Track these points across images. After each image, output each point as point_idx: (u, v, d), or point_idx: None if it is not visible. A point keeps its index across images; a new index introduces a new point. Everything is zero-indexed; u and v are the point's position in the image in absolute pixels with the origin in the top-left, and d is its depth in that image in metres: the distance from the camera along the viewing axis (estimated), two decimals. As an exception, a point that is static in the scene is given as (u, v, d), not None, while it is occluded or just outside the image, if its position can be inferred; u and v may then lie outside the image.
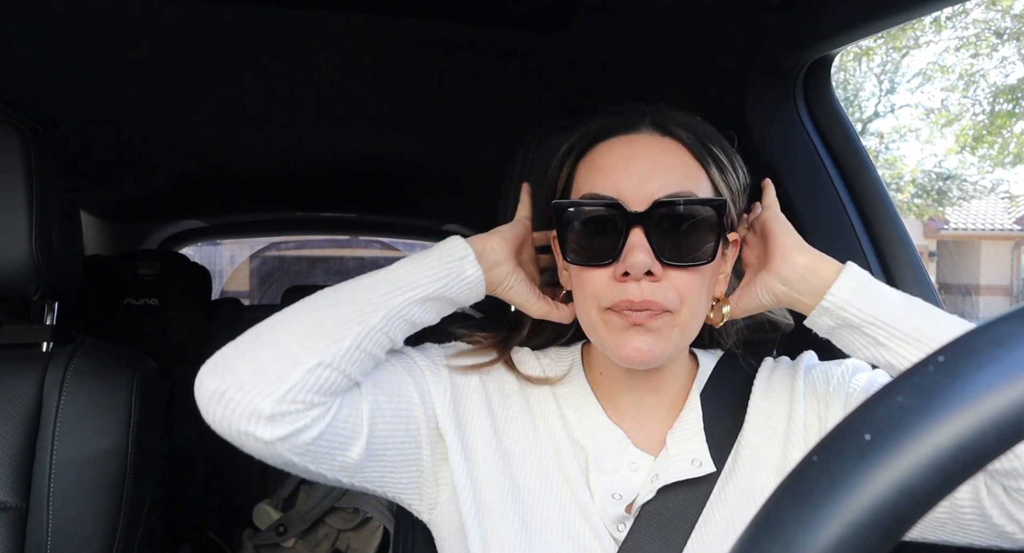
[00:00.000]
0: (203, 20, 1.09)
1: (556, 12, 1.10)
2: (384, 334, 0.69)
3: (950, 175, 11.09)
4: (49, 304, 1.06)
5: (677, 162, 0.71)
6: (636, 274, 0.67)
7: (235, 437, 0.65)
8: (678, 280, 0.68)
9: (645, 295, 0.67)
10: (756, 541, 0.24)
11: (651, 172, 0.69)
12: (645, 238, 0.67)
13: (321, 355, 0.64)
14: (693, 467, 0.73)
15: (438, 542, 0.79)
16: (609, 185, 0.70)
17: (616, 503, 0.73)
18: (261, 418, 0.62)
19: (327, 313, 0.67)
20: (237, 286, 4.79)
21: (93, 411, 0.99)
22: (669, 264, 0.68)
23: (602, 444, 0.75)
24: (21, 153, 0.97)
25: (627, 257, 0.67)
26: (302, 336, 0.65)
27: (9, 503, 0.94)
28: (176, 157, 1.95)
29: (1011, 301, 12.69)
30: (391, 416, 0.71)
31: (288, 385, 0.62)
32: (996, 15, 8.88)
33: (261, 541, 2.17)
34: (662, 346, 0.69)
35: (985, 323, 0.25)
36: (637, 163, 0.70)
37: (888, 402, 0.24)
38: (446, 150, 1.90)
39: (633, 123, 0.73)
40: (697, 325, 0.73)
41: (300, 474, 0.68)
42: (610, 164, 0.71)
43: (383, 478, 0.72)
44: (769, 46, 1.10)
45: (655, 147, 0.71)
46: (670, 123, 0.72)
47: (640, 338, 0.68)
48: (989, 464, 0.23)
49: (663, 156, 0.70)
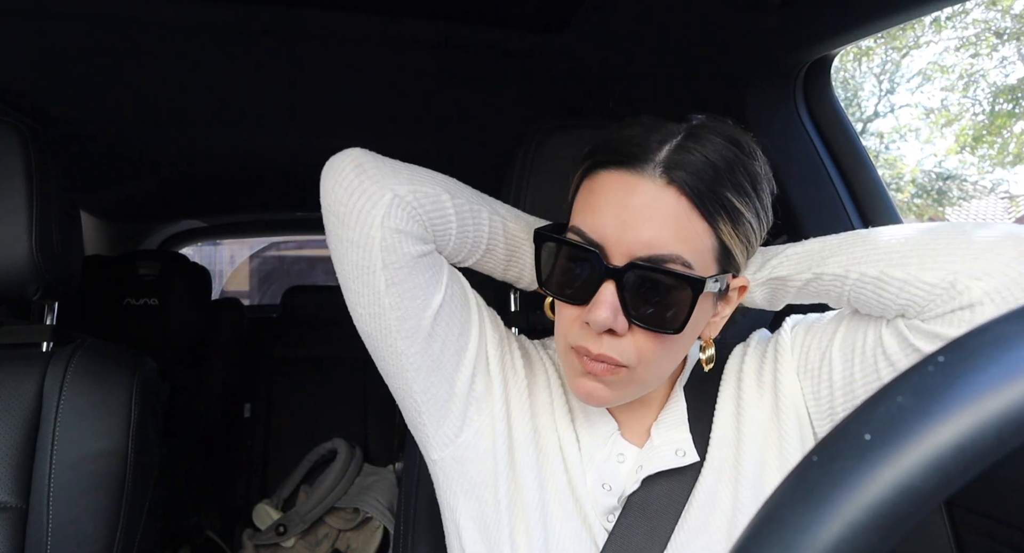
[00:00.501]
0: (203, 20, 1.09)
1: (556, 12, 1.10)
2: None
3: (950, 175, 11.09)
4: (49, 304, 1.06)
5: (673, 219, 0.63)
6: (596, 330, 0.65)
7: (354, 217, 0.67)
8: (642, 341, 0.66)
9: (603, 349, 0.66)
10: (757, 540, 0.24)
11: (641, 225, 0.63)
12: (616, 294, 0.64)
13: (445, 187, 0.73)
14: (677, 457, 0.74)
15: (441, 489, 0.79)
16: (596, 227, 0.65)
17: (607, 494, 0.74)
18: (383, 203, 0.67)
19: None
20: (237, 286, 4.79)
21: (93, 411, 0.99)
22: (636, 323, 0.65)
23: (594, 434, 0.77)
24: (21, 153, 0.97)
25: (592, 311, 0.64)
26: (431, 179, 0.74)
27: (9, 503, 0.94)
28: (176, 157, 1.95)
29: (1011, 301, 12.63)
30: (451, 313, 0.72)
31: (409, 189, 0.69)
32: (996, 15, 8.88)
33: (261, 541, 2.17)
34: (615, 395, 0.70)
35: (984, 324, 0.25)
36: (627, 213, 0.64)
37: (888, 402, 0.24)
38: (446, 150, 1.90)
39: (640, 162, 0.64)
40: (660, 379, 0.73)
41: (372, 343, 0.71)
42: (603, 203, 0.66)
43: (427, 376, 0.72)
44: (769, 46, 1.10)
45: (653, 197, 0.63)
46: (680, 168, 0.63)
47: (592, 384, 0.69)
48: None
49: (660, 210, 0.63)
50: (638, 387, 0.71)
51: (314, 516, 2.17)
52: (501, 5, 1.08)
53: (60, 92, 1.39)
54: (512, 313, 1.09)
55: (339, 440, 2.36)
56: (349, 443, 2.37)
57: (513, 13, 1.11)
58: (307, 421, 2.55)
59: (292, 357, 2.67)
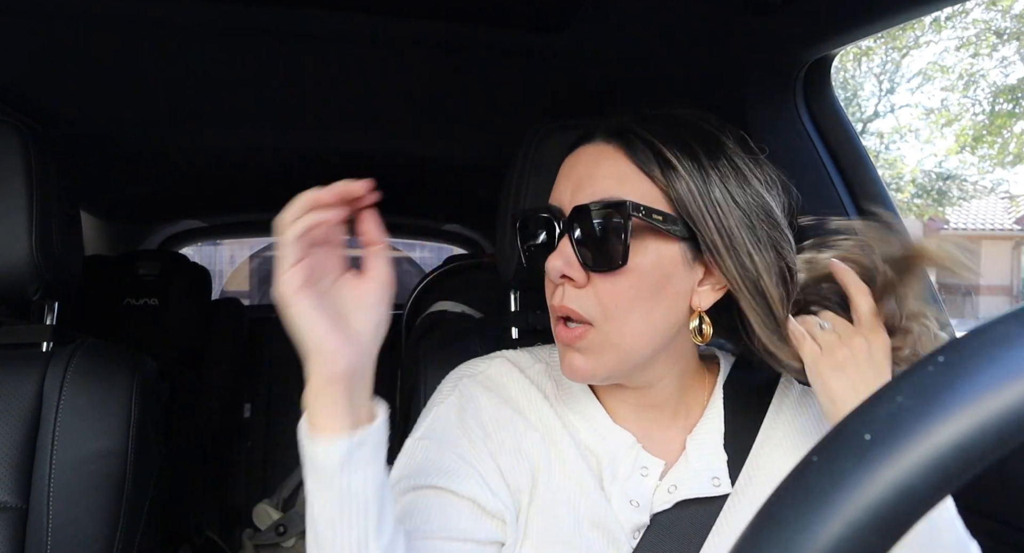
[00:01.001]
0: (203, 20, 1.09)
1: (556, 12, 1.09)
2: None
3: (950, 175, 11.09)
4: (49, 304, 1.06)
5: (613, 170, 0.68)
6: (553, 279, 0.68)
7: None
8: (602, 288, 0.67)
9: (564, 302, 0.68)
10: (756, 540, 0.24)
11: (582, 182, 0.69)
12: (571, 246, 0.67)
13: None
14: (712, 485, 0.71)
15: None
16: (555, 196, 0.72)
17: (636, 510, 0.70)
18: None
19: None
20: (237, 286, 4.79)
21: (93, 411, 0.98)
22: (589, 269, 0.67)
23: (613, 448, 0.73)
24: (21, 153, 0.97)
25: (548, 263, 0.68)
26: None
27: (9, 503, 0.94)
28: (176, 157, 1.95)
29: (1011, 301, 12.69)
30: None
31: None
32: (996, 15, 8.88)
33: (261, 541, 2.17)
34: (595, 364, 0.68)
35: (984, 324, 0.25)
36: (574, 173, 0.70)
37: (888, 402, 0.24)
38: (446, 150, 1.90)
39: (591, 133, 0.72)
40: (639, 342, 0.68)
41: None
42: (560, 176, 0.73)
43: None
44: (769, 46, 1.10)
45: (596, 156, 0.70)
46: (626, 129, 0.69)
47: (573, 356, 0.69)
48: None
49: (601, 165, 0.69)
50: (615, 353, 0.68)
51: (314, 516, 2.17)
52: (501, 5, 1.08)
53: (60, 92, 1.39)
54: (512, 313, 1.09)
55: (339, 440, 2.36)
56: (349, 443, 2.36)
57: (513, 13, 1.11)
58: (307, 421, 2.54)
59: (292, 357, 2.66)
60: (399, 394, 2.11)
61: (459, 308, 1.78)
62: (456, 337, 1.08)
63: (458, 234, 3.20)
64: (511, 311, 1.09)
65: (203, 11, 1.06)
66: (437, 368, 1.00)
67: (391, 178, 2.24)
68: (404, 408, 1.93)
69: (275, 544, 2.16)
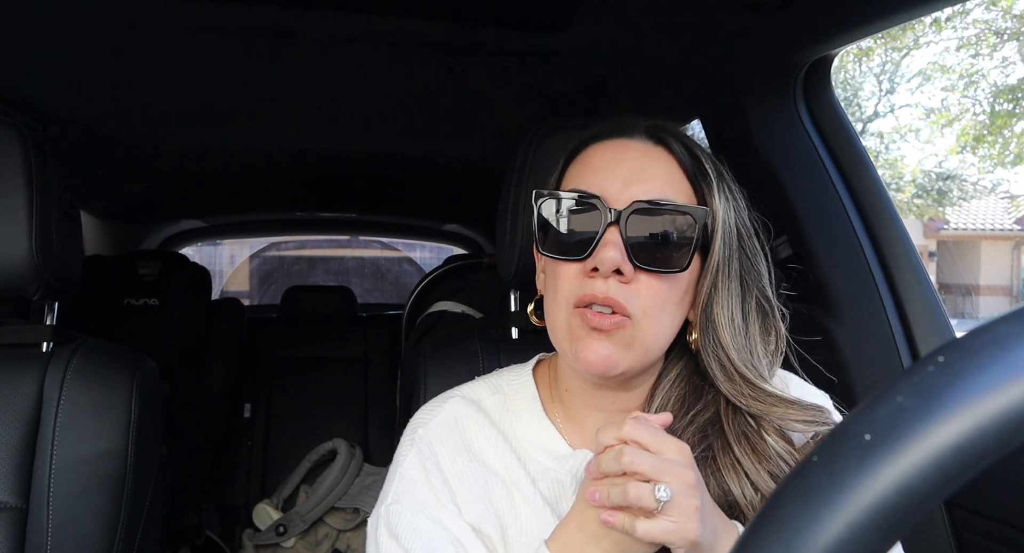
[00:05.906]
0: (203, 20, 1.09)
1: (556, 12, 1.10)
2: None
3: (950, 175, 11.10)
4: (49, 304, 1.06)
5: (664, 171, 0.70)
6: (605, 271, 0.66)
7: None
8: (647, 286, 0.67)
9: (609, 292, 0.66)
10: (757, 540, 0.24)
11: (637, 176, 0.69)
12: (620, 237, 0.66)
13: None
14: None
15: None
16: (595, 184, 0.70)
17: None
18: None
19: None
20: (237, 286, 4.78)
21: (93, 411, 0.98)
22: (641, 267, 0.66)
23: (574, 466, 0.73)
24: (21, 153, 0.97)
25: (599, 253, 0.66)
26: None
27: (9, 503, 0.94)
28: (176, 157, 1.95)
29: (1011, 301, 12.69)
30: None
31: None
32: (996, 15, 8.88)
33: (261, 541, 2.17)
34: (619, 356, 0.67)
35: (984, 324, 0.25)
36: (624, 165, 0.70)
37: (888, 402, 0.24)
38: (446, 150, 1.90)
39: (627, 128, 0.73)
40: (659, 343, 0.70)
41: None
42: (599, 164, 0.71)
43: None
44: (769, 46, 1.10)
45: (645, 153, 0.71)
46: (664, 133, 0.72)
47: (600, 343, 0.67)
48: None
49: (651, 162, 0.70)
50: (640, 350, 0.68)
51: (314, 516, 2.17)
52: (501, 5, 1.08)
53: (60, 92, 1.39)
54: (512, 313, 1.09)
55: (339, 440, 2.37)
56: (349, 443, 2.37)
57: (513, 13, 1.11)
58: (307, 421, 2.55)
59: (292, 357, 2.67)
60: (399, 394, 2.11)
61: (459, 308, 1.78)
62: (456, 337, 1.08)
63: (458, 234, 3.20)
64: (511, 311, 1.09)
65: (203, 11, 1.06)
66: (437, 368, 1.00)
67: (391, 178, 2.25)
68: (404, 408, 1.93)
69: (275, 544, 2.16)
